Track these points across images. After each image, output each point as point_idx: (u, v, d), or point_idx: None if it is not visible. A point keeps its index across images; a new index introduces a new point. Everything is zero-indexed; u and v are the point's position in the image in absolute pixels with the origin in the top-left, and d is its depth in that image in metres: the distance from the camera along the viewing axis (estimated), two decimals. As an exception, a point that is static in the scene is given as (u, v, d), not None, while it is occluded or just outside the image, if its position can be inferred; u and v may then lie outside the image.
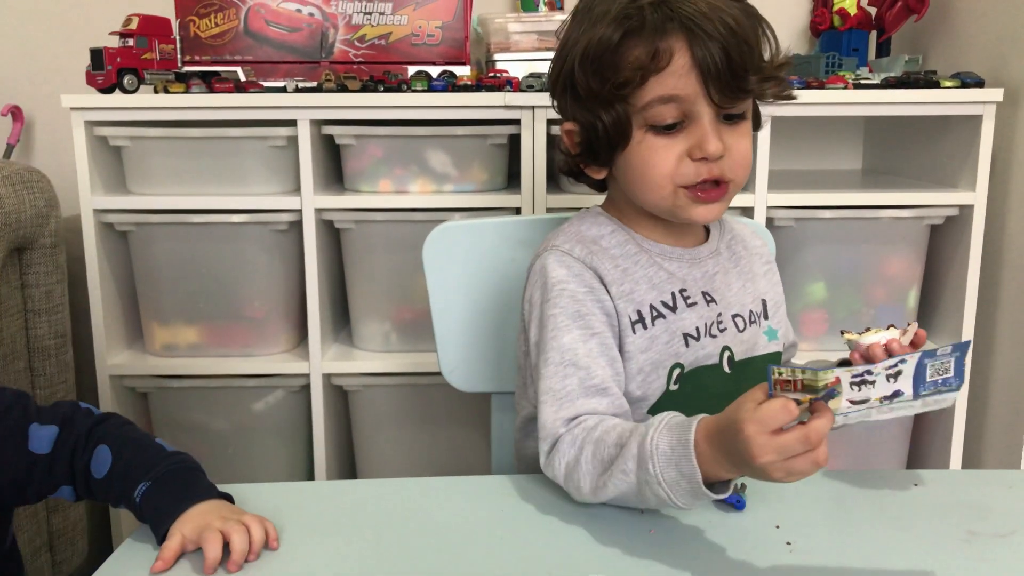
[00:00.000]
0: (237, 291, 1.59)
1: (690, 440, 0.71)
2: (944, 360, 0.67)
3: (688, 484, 0.72)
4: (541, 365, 0.86)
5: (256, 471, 1.66)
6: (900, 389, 0.67)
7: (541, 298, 0.89)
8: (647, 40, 0.80)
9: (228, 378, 1.60)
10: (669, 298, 0.90)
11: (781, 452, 0.65)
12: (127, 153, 1.55)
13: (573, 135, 0.91)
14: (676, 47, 0.80)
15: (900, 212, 1.55)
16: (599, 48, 0.83)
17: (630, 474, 0.74)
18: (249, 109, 1.49)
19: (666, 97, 0.82)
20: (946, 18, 1.75)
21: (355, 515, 0.81)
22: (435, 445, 1.66)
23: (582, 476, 0.79)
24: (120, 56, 1.49)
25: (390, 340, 1.63)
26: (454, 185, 1.57)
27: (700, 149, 0.82)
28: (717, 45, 0.79)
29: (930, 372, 0.67)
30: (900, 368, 0.66)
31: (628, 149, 0.86)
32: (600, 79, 0.83)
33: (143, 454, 0.79)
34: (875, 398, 0.67)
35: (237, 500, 0.80)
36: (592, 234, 0.92)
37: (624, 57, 0.82)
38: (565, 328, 0.86)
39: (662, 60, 0.80)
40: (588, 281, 0.88)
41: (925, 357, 0.66)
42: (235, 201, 1.53)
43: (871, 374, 0.66)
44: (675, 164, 0.84)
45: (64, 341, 1.54)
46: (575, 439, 0.81)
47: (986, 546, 0.74)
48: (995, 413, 1.61)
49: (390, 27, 1.62)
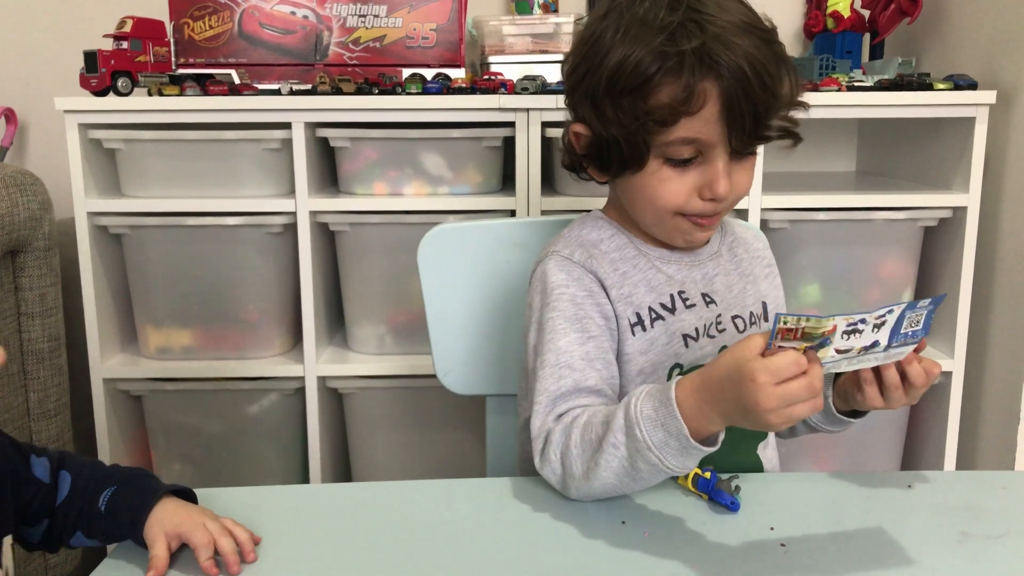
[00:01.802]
0: (231, 294, 1.59)
1: (671, 399, 0.74)
2: (920, 312, 0.69)
3: (677, 442, 0.73)
4: (538, 367, 0.87)
5: (250, 474, 1.66)
6: (878, 340, 0.69)
7: (541, 302, 0.89)
8: (684, 83, 0.79)
9: (222, 381, 1.60)
10: (668, 300, 0.91)
11: (785, 399, 0.68)
12: (121, 156, 1.55)
13: (582, 138, 0.90)
14: (710, 95, 0.79)
15: (894, 214, 1.56)
16: (633, 76, 0.81)
17: (620, 446, 0.76)
18: (243, 112, 1.49)
19: (689, 139, 0.82)
20: (939, 21, 1.76)
21: (350, 518, 0.81)
22: (430, 448, 1.66)
23: (573, 460, 0.79)
24: (114, 59, 1.48)
25: (385, 343, 1.62)
26: (449, 188, 1.57)
27: (710, 190, 0.83)
28: (747, 97, 0.79)
29: (906, 324, 0.69)
30: (886, 318, 0.68)
31: (639, 174, 0.86)
32: (629, 107, 0.82)
33: (101, 469, 0.79)
34: (856, 348, 0.69)
35: (231, 503, 0.79)
36: (592, 238, 0.93)
37: (657, 94, 0.80)
38: (563, 331, 0.86)
39: (694, 105, 0.79)
40: (588, 285, 0.89)
41: (908, 309, 0.68)
42: (229, 204, 1.53)
43: (864, 323, 0.68)
44: (684, 199, 0.85)
45: (58, 344, 1.54)
46: (565, 428, 0.82)
47: (979, 547, 0.75)
48: (989, 413, 1.61)
49: (385, 30, 1.62)
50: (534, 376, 0.87)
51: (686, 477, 0.84)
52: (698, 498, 0.83)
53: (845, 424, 0.95)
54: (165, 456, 1.66)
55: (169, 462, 1.66)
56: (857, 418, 0.94)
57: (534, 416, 0.85)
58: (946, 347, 1.61)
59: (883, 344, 0.70)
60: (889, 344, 0.70)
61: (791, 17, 1.94)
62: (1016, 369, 1.52)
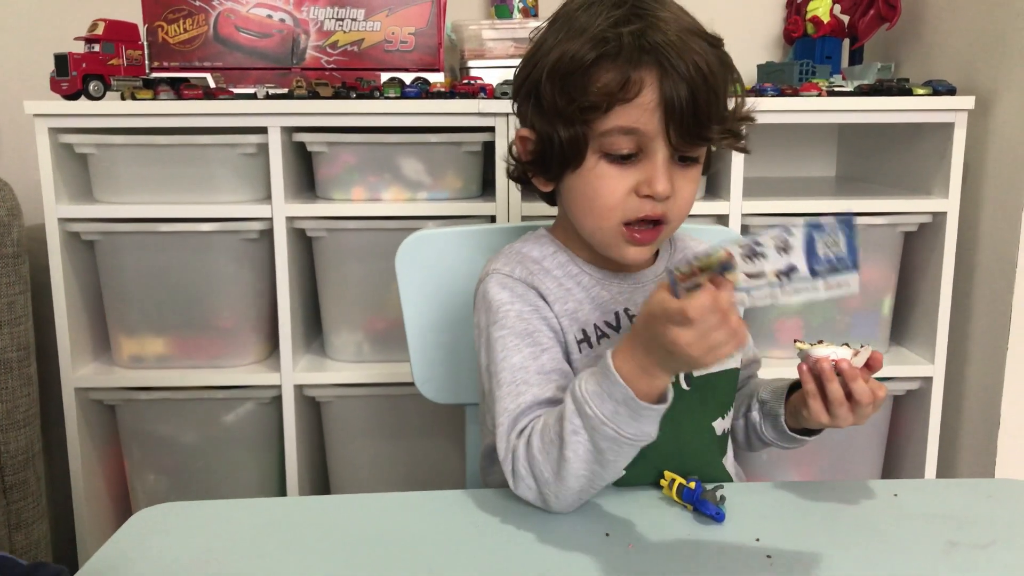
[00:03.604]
0: (207, 301, 1.56)
1: (610, 367, 0.74)
2: (832, 234, 0.68)
3: (626, 408, 0.73)
4: (495, 388, 0.85)
5: (227, 484, 1.63)
6: (793, 264, 0.68)
7: (487, 321, 0.88)
8: (620, 68, 0.79)
9: (198, 390, 1.57)
10: (613, 318, 0.90)
11: (699, 329, 0.68)
12: (93, 161, 1.52)
13: (527, 142, 0.90)
14: (647, 81, 0.79)
15: (874, 219, 1.56)
16: (571, 65, 0.81)
17: (579, 431, 0.75)
18: (219, 116, 1.46)
19: (626, 128, 0.81)
20: (918, 26, 1.76)
21: (328, 532, 0.79)
22: (409, 457, 1.64)
23: (541, 466, 0.78)
24: (86, 62, 1.46)
25: (363, 350, 1.60)
26: (428, 193, 1.56)
27: (649, 186, 0.82)
28: (686, 87, 0.79)
29: (820, 247, 0.68)
30: (788, 240, 0.68)
31: (579, 172, 0.85)
32: (566, 97, 0.82)
33: None
34: (770, 272, 0.69)
35: (207, 517, 0.77)
36: (534, 255, 0.92)
37: (594, 80, 0.81)
38: (515, 348, 0.85)
39: (631, 91, 0.79)
40: (532, 300, 0.88)
41: (812, 229, 0.67)
42: (204, 210, 1.51)
43: (759, 245, 0.68)
44: (622, 197, 0.83)
45: (28, 353, 1.50)
46: (526, 440, 0.81)
47: (967, 557, 0.74)
48: (969, 419, 1.62)
49: (362, 33, 1.60)
50: (492, 398, 0.86)
51: (670, 487, 0.83)
52: (683, 508, 0.82)
53: (799, 442, 0.95)
54: (139, 467, 1.63)
55: (143, 473, 1.63)
56: (810, 436, 0.94)
57: (498, 439, 0.83)
58: (926, 352, 1.61)
59: (803, 269, 0.68)
60: (813, 270, 0.68)
61: (771, 22, 1.94)
62: (996, 374, 1.53)
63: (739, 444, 1.03)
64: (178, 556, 0.74)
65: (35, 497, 1.54)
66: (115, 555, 0.74)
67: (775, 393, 0.95)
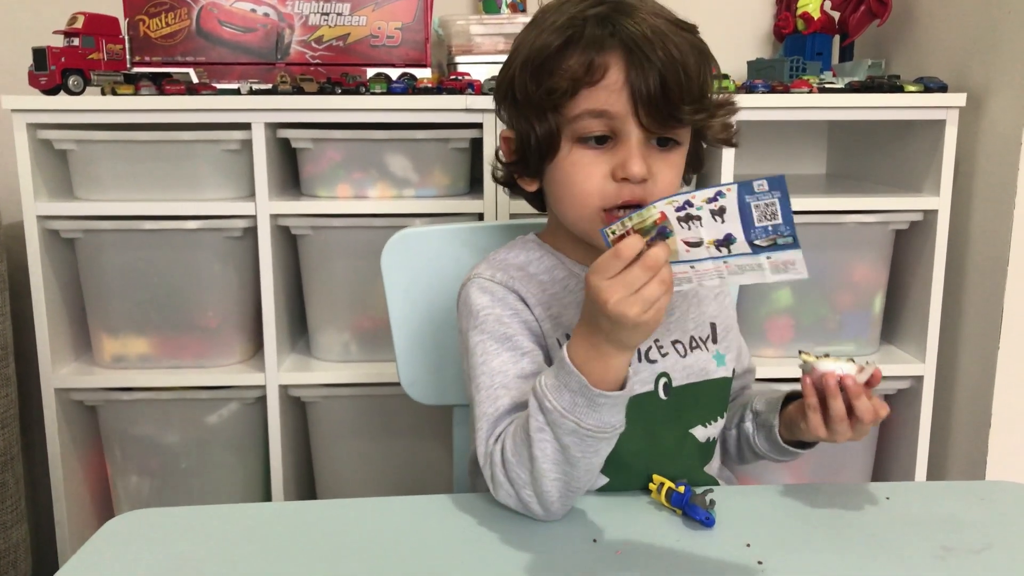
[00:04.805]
0: (190, 300, 1.54)
1: (564, 358, 0.74)
2: (765, 199, 0.66)
3: (583, 398, 0.73)
4: (474, 392, 0.85)
5: (211, 486, 1.61)
6: (730, 233, 0.67)
7: (467, 327, 0.88)
8: (585, 52, 0.80)
9: (181, 390, 1.55)
10: None
11: (628, 286, 0.68)
12: (73, 157, 1.49)
13: (510, 143, 0.90)
14: (612, 63, 0.80)
15: (865, 217, 1.55)
16: (539, 54, 0.83)
17: (544, 428, 0.75)
18: (201, 112, 1.44)
19: (596, 111, 0.81)
20: (909, 23, 1.75)
21: (313, 538, 0.77)
22: (396, 458, 1.62)
23: (516, 470, 0.77)
24: (65, 56, 1.43)
25: (349, 350, 1.58)
26: (415, 190, 1.54)
27: (623, 169, 0.81)
28: (653, 68, 0.79)
29: (756, 215, 0.67)
30: (721, 203, 0.67)
31: (555, 161, 0.85)
32: (536, 85, 0.83)
33: None
34: (708, 241, 0.68)
35: (192, 522, 0.75)
36: (519, 261, 0.92)
37: (560, 65, 0.81)
38: (494, 352, 0.85)
39: (596, 74, 0.80)
40: (512, 304, 0.87)
41: (743, 191, 0.66)
42: (187, 207, 1.48)
43: (691, 205, 0.67)
44: (599, 181, 0.82)
45: (6, 353, 1.48)
46: (500, 445, 0.80)
47: (961, 562, 0.73)
48: (960, 418, 1.61)
49: (348, 28, 1.58)
50: (472, 403, 0.85)
51: (659, 491, 0.82)
52: (672, 513, 0.81)
53: (792, 454, 0.94)
54: (121, 469, 1.61)
55: (125, 475, 1.61)
56: (804, 448, 0.93)
57: (477, 445, 0.82)
58: (917, 351, 1.60)
59: (740, 239, 0.67)
60: (751, 241, 0.67)
61: (761, 19, 1.93)
62: (987, 373, 1.52)
63: (731, 456, 1.01)
64: (151, 566, 0.72)
65: (14, 500, 1.51)
66: (85, 566, 0.72)
67: (770, 404, 0.94)
